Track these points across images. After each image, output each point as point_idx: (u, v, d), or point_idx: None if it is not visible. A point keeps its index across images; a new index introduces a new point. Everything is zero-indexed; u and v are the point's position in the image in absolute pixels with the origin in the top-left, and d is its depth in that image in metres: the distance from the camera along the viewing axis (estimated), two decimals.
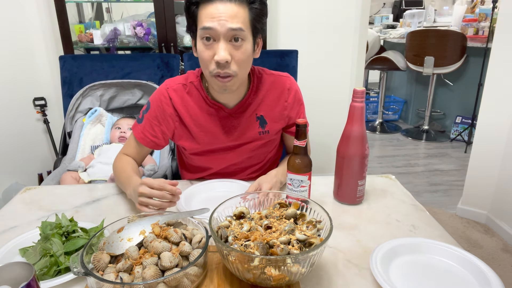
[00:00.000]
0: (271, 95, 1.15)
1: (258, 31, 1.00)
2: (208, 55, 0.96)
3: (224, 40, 0.93)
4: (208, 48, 0.95)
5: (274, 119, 1.16)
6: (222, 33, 0.92)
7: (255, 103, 1.14)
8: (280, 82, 1.16)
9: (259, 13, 0.97)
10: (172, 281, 0.66)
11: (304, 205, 0.82)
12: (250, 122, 1.14)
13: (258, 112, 1.14)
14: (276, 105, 1.15)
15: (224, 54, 0.93)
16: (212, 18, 0.92)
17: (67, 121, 1.76)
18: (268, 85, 1.15)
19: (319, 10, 2.36)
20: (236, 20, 0.92)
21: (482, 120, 2.16)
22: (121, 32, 2.27)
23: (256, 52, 1.04)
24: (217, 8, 0.92)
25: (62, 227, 0.84)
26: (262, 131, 1.16)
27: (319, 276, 0.76)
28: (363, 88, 0.95)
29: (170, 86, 1.12)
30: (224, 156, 1.18)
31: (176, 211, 0.98)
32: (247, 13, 0.95)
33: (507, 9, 1.97)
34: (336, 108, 2.56)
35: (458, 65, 3.39)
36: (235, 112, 1.12)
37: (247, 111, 1.13)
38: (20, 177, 2.30)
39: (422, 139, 3.79)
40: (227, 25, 0.92)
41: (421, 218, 0.97)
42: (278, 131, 1.20)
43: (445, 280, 0.74)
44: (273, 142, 1.22)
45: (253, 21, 0.97)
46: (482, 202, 2.30)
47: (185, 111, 1.12)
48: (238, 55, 0.96)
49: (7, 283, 0.59)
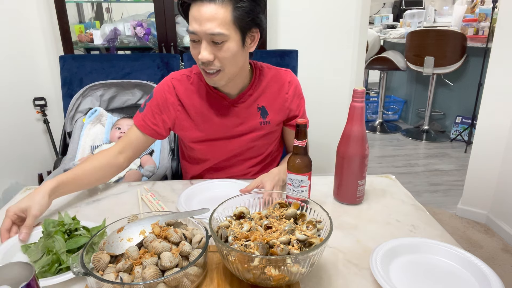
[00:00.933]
0: (272, 87, 1.18)
1: (249, 26, 0.99)
2: (195, 53, 1.02)
3: (206, 41, 0.97)
4: (194, 47, 1.01)
5: (275, 110, 1.19)
6: (202, 36, 0.96)
7: (257, 94, 1.17)
8: (281, 75, 1.20)
9: (247, 10, 0.96)
10: (172, 281, 0.66)
11: (304, 205, 0.82)
12: (251, 112, 1.17)
13: (260, 102, 1.17)
14: (277, 97, 1.18)
15: (205, 54, 0.98)
16: (195, 20, 0.96)
17: (67, 121, 1.76)
18: (269, 77, 1.18)
19: (319, 10, 2.36)
20: (214, 23, 0.94)
21: (482, 120, 2.16)
22: (121, 32, 2.27)
23: (251, 45, 1.05)
24: (199, 10, 0.95)
25: (65, 225, 0.84)
26: (263, 121, 1.18)
27: (319, 276, 0.76)
28: (363, 88, 0.95)
29: (175, 77, 1.17)
30: (225, 145, 1.20)
31: (176, 211, 0.98)
32: (229, 13, 0.94)
33: (507, 9, 1.97)
34: (336, 108, 2.56)
35: (458, 65, 3.39)
36: (237, 102, 1.15)
37: (248, 101, 1.16)
38: (20, 177, 2.30)
39: (422, 139, 3.79)
40: (206, 30, 0.95)
41: (421, 218, 0.97)
42: (279, 123, 1.22)
43: (445, 280, 0.74)
44: (274, 134, 1.24)
45: (239, 19, 0.96)
46: (482, 202, 2.30)
47: (188, 100, 1.15)
48: (221, 54, 0.99)
49: (7, 283, 0.59)
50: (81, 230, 0.85)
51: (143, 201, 1.06)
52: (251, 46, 1.05)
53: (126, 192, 1.13)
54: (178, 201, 1.02)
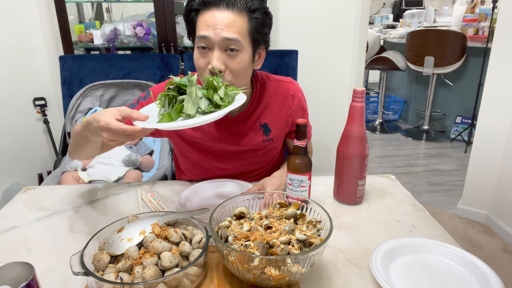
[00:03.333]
0: (275, 102, 1.12)
1: (259, 42, 0.97)
2: (203, 63, 0.94)
3: (218, 49, 0.91)
4: (203, 56, 0.93)
5: (278, 127, 1.14)
6: (216, 42, 0.90)
7: (259, 111, 1.11)
8: (284, 88, 1.14)
9: (261, 23, 0.94)
10: (172, 281, 0.66)
11: (304, 205, 0.82)
12: (253, 130, 1.12)
13: (262, 120, 1.12)
14: (280, 113, 1.13)
15: (217, 63, 0.90)
16: (208, 26, 0.90)
17: (67, 121, 1.76)
18: (271, 91, 1.12)
19: (319, 10, 2.36)
20: (232, 29, 0.89)
21: (482, 120, 2.16)
22: (121, 32, 2.27)
23: (257, 63, 1.01)
24: (214, 16, 0.90)
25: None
26: (266, 139, 1.14)
27: (319, 276, 0.76)
28: (363, 88, 0.95)
29: None
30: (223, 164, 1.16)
31: (176, 211, 0.98)
32: (245, 22, 0.92)
33: (507, 9, 1.97)
34: (336, 108, 2.56)
35: (458, 65, 3.39)
36: (238, 120, 1.10)
37: (250, 119, 1.11)
38: (20, 177, 2.30)
39: (422, 139, 3.79)
40: (222, 34, 0.89)
41: (421, 218, 0.97)
42: (282, 137, 1.19)
43: (445, 280, 0.74)
44: (276, 148, 1.22)
45: (253, 31, 0.93)
46: (482, 202, 2.30)
47: None
48: (233, 65, 0.93)
49: (7, 283, 0.59)
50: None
51: (143, 201, 1.06)
52: (258, 63, 1.02)
53: (126, 192, 1.13)
54: (178, 201, 1.02)
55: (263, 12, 0.95)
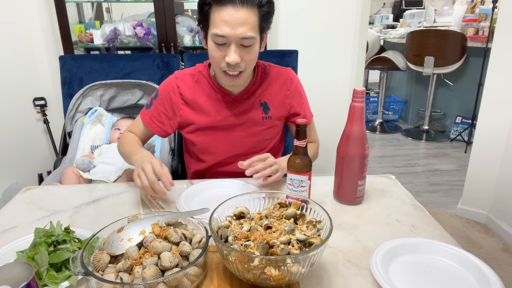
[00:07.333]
0: (275, 84, 1.23)
1: (264, 29, 1.07)
2: (219, 55, 1.04)
3: (235, 44, 1.01)
4: (220, 49, 1.03)
5: (277, 106, 1.24)
6: (234, 40, 1.00)
7: (259, 91, 1.22)
8: (283, 73, 1.25)
9: (268, 14, 1.04)
10: (172, 281, 0.66)
11: (304, 205, 0.82)
12: (254, 107, 1.22)
13: (262, 99, 1.22)
14: (278, 93, 1.23)
15: (235, 57, 1.01)
16: (225, 24, 0.98)
17: (67, 121, 1.76)
18: (273, 75, 1.23)
19: (319, 10, 2.36)
20: (247, 27, 0.99)
21: (482, 120, 2.16)
22: (121, 32, 2.27)
23: (261, 46, 1.11)
24: (230, 13, 0.98)
25: (53, 236, 0.78)
26: (265, 116, 1.23)
27: (319, 276, 0.76)
28: (363, 88, 0.95)
29: (179, 76, 1.21)
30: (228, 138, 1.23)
31: (176, 211, 0.98)
32: (257, 17, 1.01)
33: (507, 9, 1.97)
34: (336, 108, 2.56)
35: (458, 65, 3.39)
36: (240, 98, 1.20)
37: (251, 97, 1.21)
38: (20, 177, 2.30)
39: (422, 139, 3.79)
40: (239, 34, 0.99)
41: (421, 218, 0.97)
42: (280, 118, 1.26)
43: (445, 280, 0.74)
44: (275, 129, 1.28)
45: (261, 22, 1.03)
46: (482, 202, 2.30)
47: (192, 97, 1.19)
48: (248, 56, 1.04)
49: (7, 283, 0.59)
50: (70, 243, 0.78)
51: (143, 201, 1.06)
52: (262, 46, 1.11)
53: (126, 192, 1.13)
54: (178, 201, 1.02)
55: (268, 3, 1.03)
